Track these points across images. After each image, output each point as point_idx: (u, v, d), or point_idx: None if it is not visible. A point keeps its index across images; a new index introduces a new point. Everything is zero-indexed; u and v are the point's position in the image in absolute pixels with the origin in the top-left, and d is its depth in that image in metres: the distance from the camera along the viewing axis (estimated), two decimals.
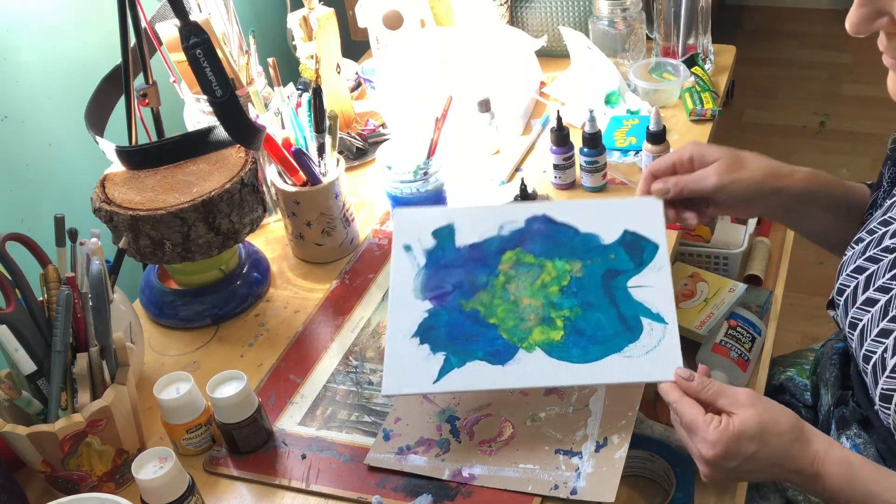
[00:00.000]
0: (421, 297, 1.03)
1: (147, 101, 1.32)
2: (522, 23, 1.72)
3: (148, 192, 1.17)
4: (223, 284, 1.25)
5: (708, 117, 1.51)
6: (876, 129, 2.99)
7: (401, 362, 0.98)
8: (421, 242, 1.07)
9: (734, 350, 1.37)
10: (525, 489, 0.95)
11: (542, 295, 1.01)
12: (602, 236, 1.04)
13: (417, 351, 0.99)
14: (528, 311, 1.00)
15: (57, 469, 0.98)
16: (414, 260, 1.06)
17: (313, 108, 1.24)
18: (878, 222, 0.97)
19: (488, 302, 1.01)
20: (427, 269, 1.05)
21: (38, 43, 1.28)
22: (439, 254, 1.06)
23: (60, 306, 0.96)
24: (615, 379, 0.94)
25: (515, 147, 1.51)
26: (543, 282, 1.02)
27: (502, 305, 1.01)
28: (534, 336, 0.98)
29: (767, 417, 0.85)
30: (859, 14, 0.80)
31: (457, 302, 1.02)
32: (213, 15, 1.30)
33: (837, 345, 1.11)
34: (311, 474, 1.01)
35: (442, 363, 0.97)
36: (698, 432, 0.86)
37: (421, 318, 1.01)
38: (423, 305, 1.02)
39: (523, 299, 1.01)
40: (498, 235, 1.06)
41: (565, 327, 0.98)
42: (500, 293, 1.02)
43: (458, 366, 0.97)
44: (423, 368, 0.97)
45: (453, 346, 0.99)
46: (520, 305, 1.01)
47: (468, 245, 1.06)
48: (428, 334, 1.00)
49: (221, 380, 1.02)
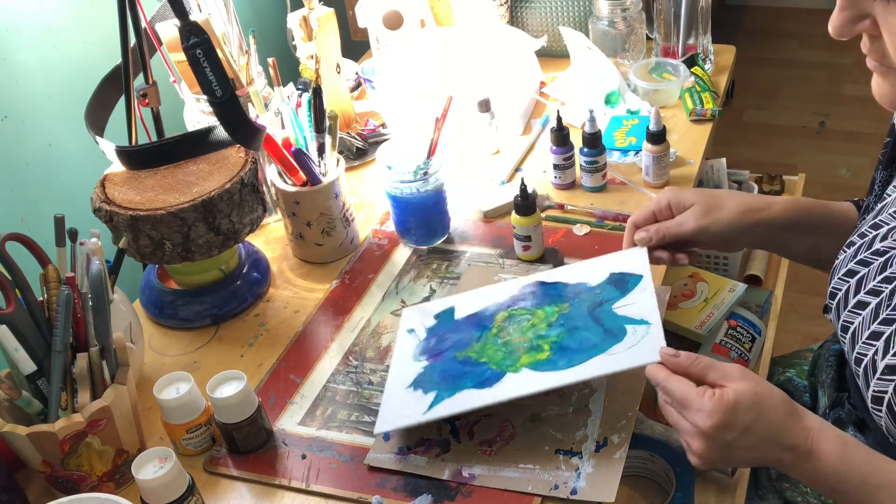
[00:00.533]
0: (418, 359, 1.07)
1: (147, 101, 1.32)
2: (522, 23, 1.72)
3: (148, 192, 1.17)
4: (223, 284, 1.25)
5: (708, 117, 1.51)
6: (876, 129, 2.99)
7: (394, 405, 1.02)
8: (423, 324, 1.13)
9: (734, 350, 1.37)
10: (525, 489, 0.95)
11: (531, 333, 1.04)
12: (589, 282, 1.08)
13: (410, 394, 1.02)
14: (518, 346, 1.03)
15: (57, 469, 0.98)
16: (416, 338, 1.12)
17: (313, 108, 1.24)
18: (868, 226, 0.97)
19: (480, 349, 1.05)
20: (426, 340, 1.10)
21: (38, 43, 1.28)
22: (440, 328, 1.11)
23: (60, 306, 0.96)
24: (598, 371, 0.94)
25: (515, 147, 1.51)
26: (533, 324, 1.05)
27: (493, 348, 1.04)
28: (521, 361, 1.00)
29: (761, 389, 0.84)
30: (842, 17, 0.80)
31: (451, 354, 1.06)
32: (213, 15, 1.30)
33: (834, 346, 1.11)
34: (311, 474, 1.01)
35: (433, 399, 1.00)
36: (692, 404, 0.84)
37: (416, 373, 1.05)
38: (419, 364, 1.07)
39: (514, 339, 1.04)
40: (494, 303, 1.11)
41: (552, 348, 1.00)
42: (492, 340, 1.05)
43: (447, 397, 0.99)
44: (414, 406, 1.00)
45: (444, 384, 1.02)
46: (510, 344, 1.04)
47: (466, 316, 1.11)
48: (421, 382, 1.04)
49: (221, 380, 1.02)
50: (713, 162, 1.61)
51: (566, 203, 1.37)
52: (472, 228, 1.35)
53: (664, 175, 1.37)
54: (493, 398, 0.97)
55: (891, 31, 0.76)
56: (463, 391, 0.99)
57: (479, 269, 1.26)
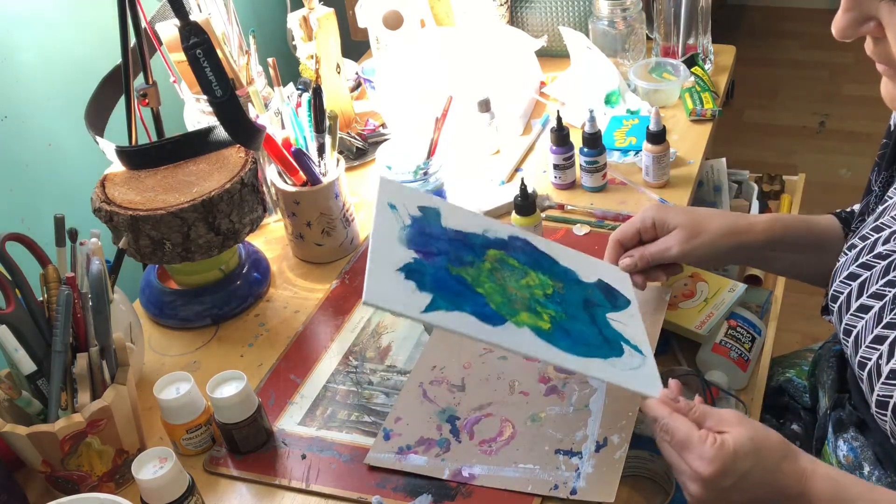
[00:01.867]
0: (406, 246, 0.96)
1: (147, 101, 1.32)
2: (522, 23, 1.72)
3: (148, 192, 1.17)
4: (223, 284, 1.25)
5: (708, 117, 1.51)
6: (876, 129, 2.99)
7: (385, 281, 0.91)
8: (406, 208, 1.01)
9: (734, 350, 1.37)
10: (525, 489, 0.95)
11: (527, 291, 0.99)
12: (579, 274, 1.06)
13: (403, 283, 0.91)
14: (515, 297, 0.97)
15: (57, 469, 0.98)
16: (399, 218, 0.99)
17: (313, 108, 1.24)
18: (870, 228, 0.97)
19: (475, 275, 0.97)
20: (412, 228, 0.99)
21: (38, 43, 1.28)
22: (425, 223, 1.00)
23: (60, 306, 0.96)
24: (600, 375, 0.93)
25: (515, 147, 1.51)
26: (528, 283, 1.01)
27: (489, 283, 0.97)
28: (521, 317, 0.95)
29: (758, 435, 0.85)
30: (846, 19, 0.80)
31: (444, 263, 0.96)
32: (213, 15, 1.30)
33: (835, 347, 1.11)
34: (311, 474, 1.01)
35: (429, 301, 0.90)
36: (693, 449, 0.84)
37: (406, 261, 0.94)
38: (408, 252, 0.95)
39: (509, 286, 0.98)
40: (482, 235, 1.04)
41: (552, 323, 0.97)
42: (486, 275, 0.98)
43: (445, 309, 0.90)
44: (409, 297, 0.90)
45: (440, 292, 0.92)
46: (506, 289, 0.98)
47: (454, 229, 1.02)
48: (414, 275, 0.93)
49: (221, 380, 1.02)
50: (713, 162, 1.61)
51: (566, 203, 1.37)
52: None
53: (664, 175, 1.37)
54: (499, 340, 0.91)
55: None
56: (463, 313, 0.91)
57: None
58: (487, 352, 1.12)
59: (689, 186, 1.38)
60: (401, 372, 1.13)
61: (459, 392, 1.07)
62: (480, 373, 1.09)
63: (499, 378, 1.08)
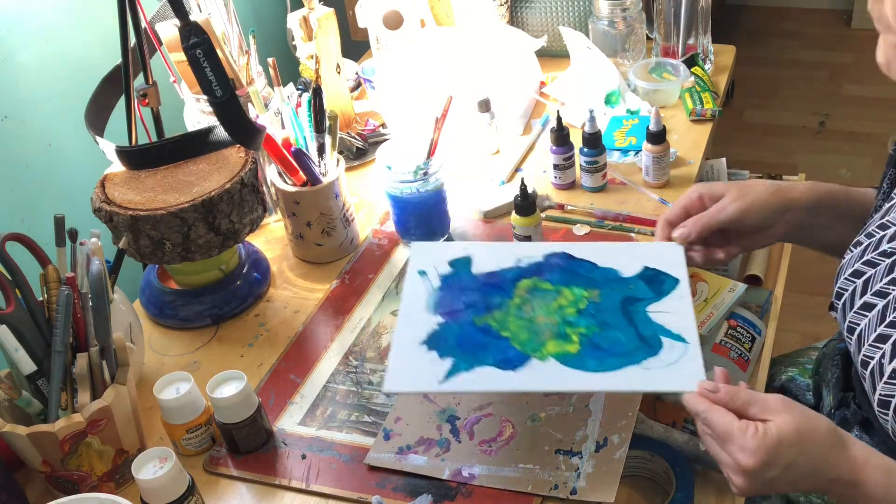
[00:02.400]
0: (432, 313, 1.00)
1: (147, 101, 1.32)
2: (522, 23, 1.72)
3: (148, 192, 1.17)
4: (223, 284, 1.25)
5: (708, 117, 1.51)
6: (876, 129, 2.99)
7: (405, 362, 0.95)
8: (437, 269, 1.05)
9: (734, 350, 1.37)
10: (525, 489, 0.95)
11: (557, 315, 0.98)
12: (621, 270, 1.03)
13: (424, 355, 0.95)
14: (543, 328, 0.97)
15: (57, 469, 0.98)
16: (428, 283, 1.04)
17: (313, 108, 1.24)
18: (875, 226, 0.96)
19: (501, 318, 0.99)
20: (441, 290, 1.02)
21: (38, 43, 1.28)
22: (454, 279, 1.04)
23: (60, 306, 0.96)
24: (632, 387, 0.91)
25: (515, 147, 1.51)
26: (560, 304, 1.00)
27: (516, 321, 0.98)
28: (548, 347, 0.95)
29: (805, 423, 0.82)
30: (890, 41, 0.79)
31: (469, 318, 0.99)
32: (213, 15, 1.30)
33: (840, 345, 1.11)
34: (311, 474, 1.01)
35: (449, 367, 0.93)
36: (734, 441, 0.81)
37: (431, 329, 0.98)
38: (434, 319, 0.99)
39: (538, 317, 0.98)
40: (516, 266, 1.04)
41: (581, 342, 0.95)
42: (514, 312, 0.99)
43: (465, 370, 0.93)
44: (428, 370, 0.93)
45: (462, 352, 0.95)
46: (534, 322, 0.98)
47: (485, 273, 1.04)
48: (436, 342, 0.96)
49: (221, 380, 1.02)
50: (713, 162, 1.61)
51: (566, 203, 1.37)
52: (472, 228, 1.35)
53: (664, 175, 1.37)
54: (519, 386, 0.91)
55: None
56: (483, 367, 0.93)
57: None
58: None
59: (688, 186, 1.37)
60: None
61: (465, 393, 1.07)
62: None
63: None
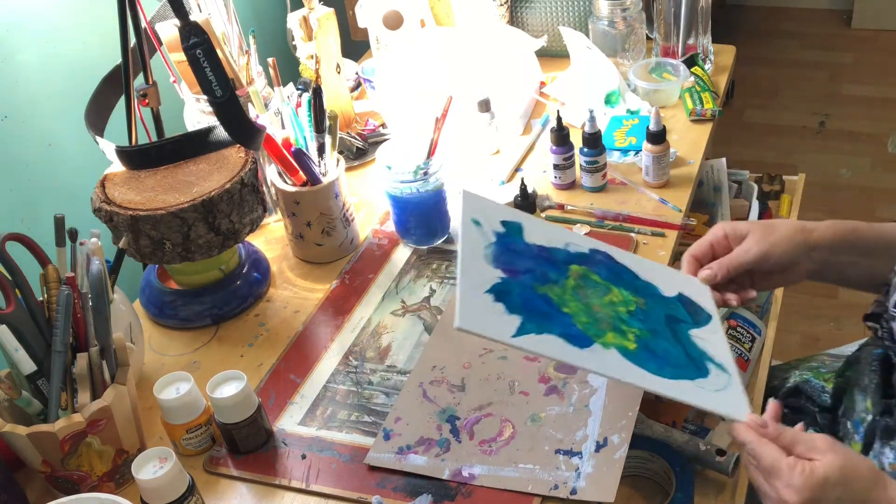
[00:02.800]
0: (492, 265, 0.95)
1: (147, 101, 1.32)
2: (522, 23, 1.72)
3: (148, 192, 1.17)
4: (223, 284, 1.25)
5: (708, 117, 1.51)
6: (876, 129, 2.99)
7: (474, 305, 0.90)
8: (490, 224, 1.00)
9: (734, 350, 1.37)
10: (525, 489, 0.95)
11: (611, 309, 0.98)
12: (660, 289, 1.04)
13: (491, 304, 0.90)
14: (601, 316, 0.96)
15: (57, 469, 0.98)
16: (483, 235, 0.99)
17: (313, 108, 1.24)
18: None
19: (560, 294, 0.96)
20: (497, 245, 0.98)
21: (38, 43, 1.28)
22: (508, 240, 1.00)
23: (60, 306, 0.96)
24: (692, 400, 0.91)
25: (515, 147, 1.51)
26: (612, 300, 0.99)
27: (574, 302, 0.96)
28: (608, 338, 0.94)
29: (849, 464, 0.84)
30: None
31: (530, 282, 0.95)
32: (213, 15, 1.30)
33: (876, 350, 1.10)
34: (311, 474, 1.01)
35: (519, 325, 0.89)
36: (781, 477, 0.83)
37: (494, 281, 0.93)
38: (494, 272, 0.94)
39: (594, 305, 0.97)
40: (564, 249, 1.03)
41: (638, 342, 0.95)
42: (571, 293, 0.98)
43: (535, 332, 0.89)
44: (497, 321, 0.89)
45: (528, 314, 0.91)
46: (591, 308, 0.97)
47: (536, 245, 1.01)
48: (502, 296, 0.92)
49: (221, 380, 1.02)
50: (713, 162, 1.61)
51: (566, 203, 1.37)
52: None
53: (664, 175, 1.37)
54: (590, 365, 0.90)
55: None
56: (552, 336, 0.90)
57: None
58: (487, 351, 1.12)
59: (689, 186, 1.38)
60: (401, 372, 1.13)
61: (459, 392, 1.07)
62: (480, 373, 1.09)
63: (499, 378, 1.08)
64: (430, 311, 1.21)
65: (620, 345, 0.93)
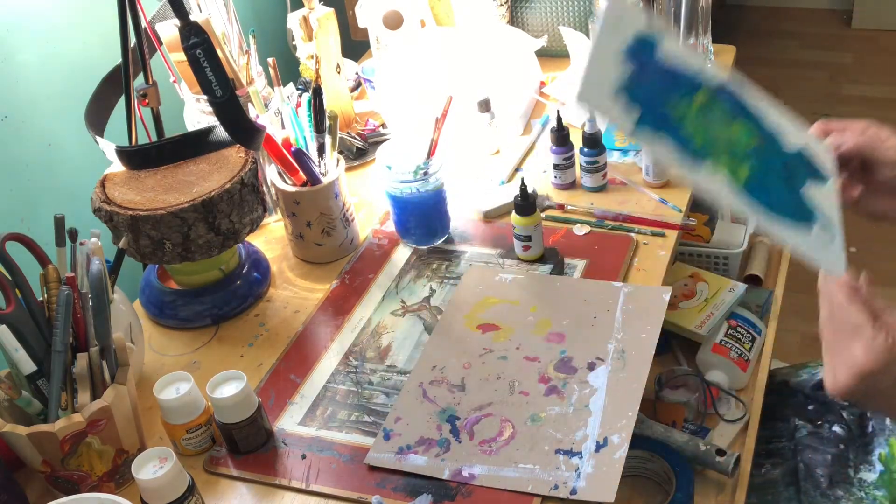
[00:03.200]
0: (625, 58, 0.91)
1: (147, 101, 1.32)
2: (522, 23, 1.72)
3: (148, 192, 1.17)
4: (223, 284, 1.25)
5: None
6: None
7: (600, 82, 0.87)
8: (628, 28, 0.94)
9: (734, 350, 1.37)
10: (525, 489, 0.95)
11: (730, 138, 0.94)
12: (782, 141, 1.00)
13: (616, 88, 0.88)
14: (720, 140, 0.93)
15: (57, 469, 0.98)
16: (620, 35, 0.93)
17: (313, 108, 1.24)
18: None
19: (683, 111, 0.93)
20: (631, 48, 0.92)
21: (38, 43, 1.28)
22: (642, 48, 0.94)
23: (60, 306, 0.96)
24: (793, 241, 0.89)
25: (515, 147, 1.51)
26: (733, 132, 0.96)
27: (696, 121, 0.93)
28: (722, 161, 0.91)
29: None
30: None
31: (656, 88, 0.93)
32: (213, 15, 1.30)
33: None
34: (311, 474, 1.01)
35: (637, 117, 0.88)
36: (863, 337, 0.80)
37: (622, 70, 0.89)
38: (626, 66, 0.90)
39: (715, 130, 0.94)
40: (696, 75, 0.97)
41: (751, 174, 0.92)
42: (694, 113, 0.94)
43: (650, 128, 0.88)
44: (620, 104, 0.87)
45: (649, 109, 0.90)
46: (711, 131, 0.93)
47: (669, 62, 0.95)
48: (627, 88, 0.89)
49: (221, 380, 1.02)
50: None
51: (566, 203, 1.37)
52: (472, 228, 1.35)
53: (664, 175, 1.37)
54: (696, 173, 0.88)
55: None
56: (666, 140, 0.88)
57: (480, 269, 1.26)
58: (487, 352, 1.12)
59: (688, 188, 1.38)
60: (401, 372, 1.13)
61: (459, 392, 1.07)
62: (480, 373, 1.09)
63: (499, 378, 1.08)
64: (430, 311, 1.21)
65: (732, 171, 0.91)
